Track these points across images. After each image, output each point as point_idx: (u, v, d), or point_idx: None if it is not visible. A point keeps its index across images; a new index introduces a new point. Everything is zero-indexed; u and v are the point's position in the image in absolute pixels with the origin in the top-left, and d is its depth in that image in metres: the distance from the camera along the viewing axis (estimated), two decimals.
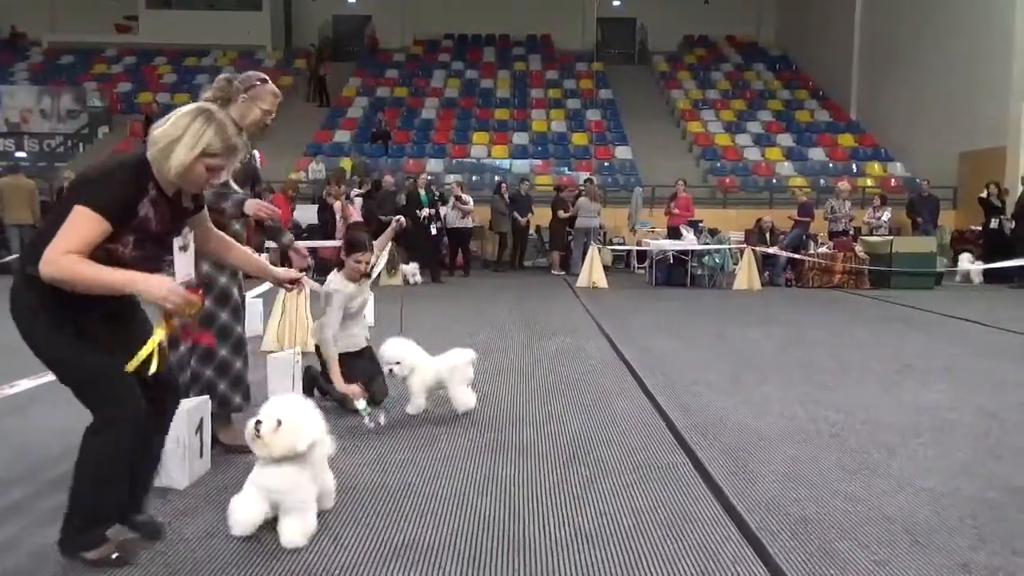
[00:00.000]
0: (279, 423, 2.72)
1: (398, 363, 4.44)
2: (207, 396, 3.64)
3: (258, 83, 3.78)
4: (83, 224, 2.36)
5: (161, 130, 2.50)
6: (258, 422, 2.72)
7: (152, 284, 2.41)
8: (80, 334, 2.49)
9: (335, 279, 4.70)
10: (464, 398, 4.57)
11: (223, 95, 3.68)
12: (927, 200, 14.93)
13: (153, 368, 2.54)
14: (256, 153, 4.13)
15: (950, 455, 3.89)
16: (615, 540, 2.87)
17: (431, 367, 4.54)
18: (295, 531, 2.76)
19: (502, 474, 3.58)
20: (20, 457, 3.69)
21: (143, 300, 2.56)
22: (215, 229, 2.98)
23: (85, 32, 25.49)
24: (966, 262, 13.67)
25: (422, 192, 13.12)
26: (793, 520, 3.04)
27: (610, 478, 3.52)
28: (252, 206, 3.65)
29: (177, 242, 2.65)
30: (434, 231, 12.98)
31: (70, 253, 2.34)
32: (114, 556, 2.59)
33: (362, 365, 4.68)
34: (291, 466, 2.76)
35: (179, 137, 2.47)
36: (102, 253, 2.42)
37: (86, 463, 2.53)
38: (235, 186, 3.71)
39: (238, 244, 3.13)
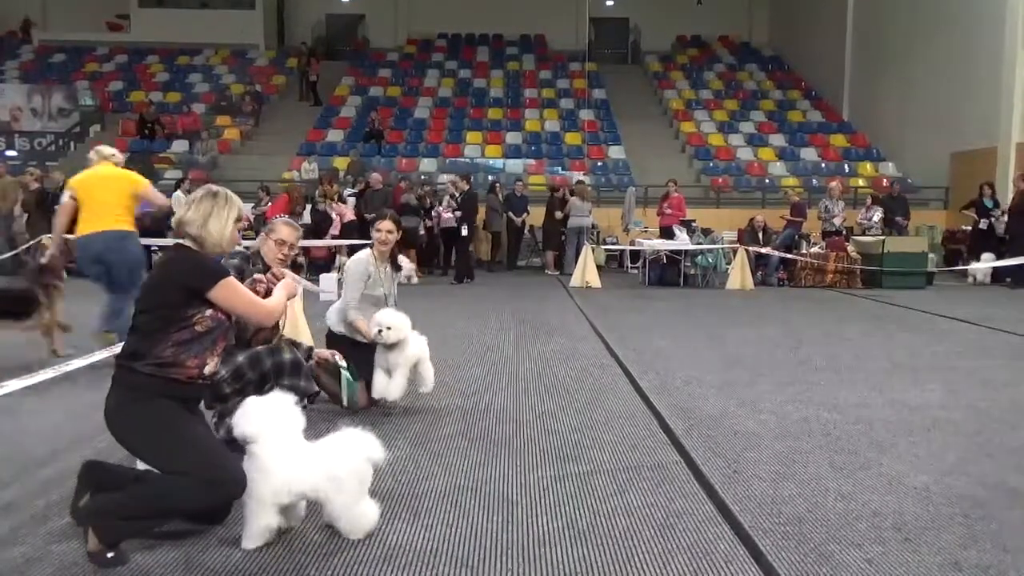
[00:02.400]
0: None
1: (389, 328, 4.45)
2: None
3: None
4: (237, 287, 2.89)
5: (189, 213, 2.87)
6: None
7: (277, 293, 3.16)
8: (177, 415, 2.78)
9: (360, 253, 4.83)
10: (429, 376, 4.70)
11: None
12: (897, 200, 14.99)
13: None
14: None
15: (941, 453, 3.91)
16: (608, 539, 2.87)
17: (416, 344, 4.62)
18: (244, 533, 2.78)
19: (495, 473, 3.58)
20: (10, 457, 3.68)
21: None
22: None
23: (76, 30, 25.30)
24: (985, 262, 13.40)
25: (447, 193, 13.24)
26: (785, 518, 3.05)
27: (603, 477, 3.53)
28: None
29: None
30: (464, 232, 12.94)
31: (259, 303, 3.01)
32: (109, 555, 2.61)
33: (366, 359, 4.56)
34: None
35: (210, 212, 2.88)
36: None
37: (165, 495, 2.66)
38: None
39: None
